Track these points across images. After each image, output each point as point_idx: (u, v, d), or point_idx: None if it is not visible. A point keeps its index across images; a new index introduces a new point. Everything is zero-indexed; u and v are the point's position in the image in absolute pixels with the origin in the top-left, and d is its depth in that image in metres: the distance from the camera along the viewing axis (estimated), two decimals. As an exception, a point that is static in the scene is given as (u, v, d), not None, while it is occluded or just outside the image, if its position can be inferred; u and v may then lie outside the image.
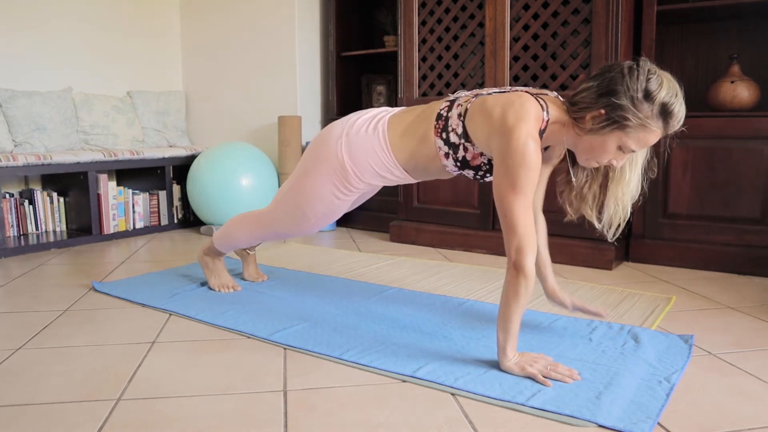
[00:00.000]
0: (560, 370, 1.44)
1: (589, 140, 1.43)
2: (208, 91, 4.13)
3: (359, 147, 1.68)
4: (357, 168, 1.70)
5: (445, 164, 1.62)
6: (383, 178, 1.72)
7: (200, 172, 3.38)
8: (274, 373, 1.51)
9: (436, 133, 1.60)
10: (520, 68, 2.80)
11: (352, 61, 3.84)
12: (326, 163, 1.72)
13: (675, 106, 1.37)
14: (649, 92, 1.35)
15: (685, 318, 1.94)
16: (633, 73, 1.37)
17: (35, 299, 2.18)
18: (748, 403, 1.33)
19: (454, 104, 1.59)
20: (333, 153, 1.71)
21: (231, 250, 2.22)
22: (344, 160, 1.69)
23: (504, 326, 1.45)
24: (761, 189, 2.45)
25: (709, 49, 2.82)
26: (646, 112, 1.36)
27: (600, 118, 1.39)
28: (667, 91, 1.36)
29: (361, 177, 1.71)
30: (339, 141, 1.71)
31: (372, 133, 1.68)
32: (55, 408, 1.33)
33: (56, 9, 3.57)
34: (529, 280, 1.42)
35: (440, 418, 1.27)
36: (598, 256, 2.62)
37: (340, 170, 1.71)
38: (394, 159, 1.67)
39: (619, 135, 1.40)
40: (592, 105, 1.40)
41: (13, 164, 2.96)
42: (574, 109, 1.44)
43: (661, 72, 1.39)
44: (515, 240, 1.42)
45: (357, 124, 1.71)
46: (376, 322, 1.86)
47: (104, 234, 3.35)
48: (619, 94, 1.36)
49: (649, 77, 1.36)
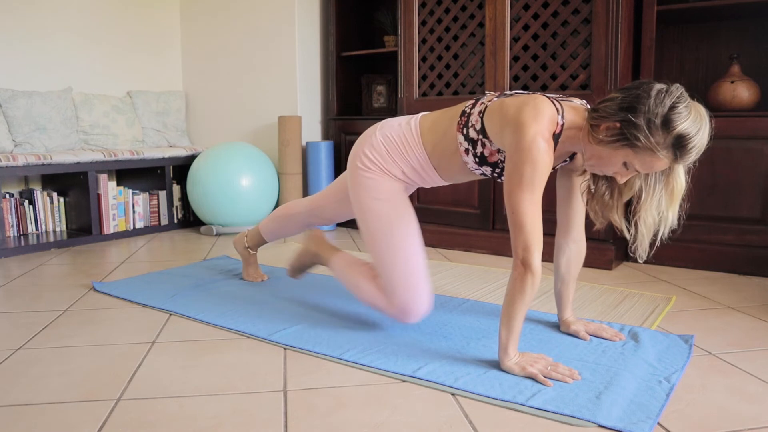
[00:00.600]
0: (561, 370, 1.44)
1: (598, 149, 1.43)
2: (208, 91, 4.13)
3: (392, 134, 1.73)
4: (394, 153, 1.72)
5: (466, 161, 1.64)
6: (414, 171, 1.73)
7: (200, 172, 3.38)
8: (274, 373, 1.51)
9: (458, 128, 1.62)
10: (520, 68, 2.80)
11: (352, 61, 3.84)
12: (379, 155, 1.73)
13: (693, 140, 1.32)
14: (669, 121, 1.31)
15: (685, 318, 1.94)
16: (660, 96, 1.34)
17: (35, 299, 2.18)
18: (748, 403, 1.33)
19: (478, 102, 1.62)
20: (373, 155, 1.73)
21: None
22: (381, 147, 1.73)
23: (508, 324, 1.45)
24: (761, 189, 2.45)
25: (709, 49, 2.82)
26: (658, 138, 1.32)
27: (613, 130, 1.38)
28: (690, 124, 1.32)
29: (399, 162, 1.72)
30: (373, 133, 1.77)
31: (405, 125, 1.74)
32: (55, 408, 1.33)
33: (56, 9, 3.57)
34: (536, 277, 1.42)
35: (440, 418, 1.27)
36: (598, 256, 2.62)
37: (386, 156, 1.73)
38: (423, 149, 1.70)
39: (627, 152, 1.37)
40: (610, 116, 1.39)
41: (13, 164, 2.96)
42: (594, 116, 1.43)
43: (692, 103, 1.35)
44: (522, 237, 1.43)
45: (391, 121, 1.78)
46: (377, 323, 1.86)
47: (104, 234, 3.35)
48: (638, 112, 1.34)
49: (675, 105, 1.32)
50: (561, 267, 1.75)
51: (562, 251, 1.74)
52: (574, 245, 1.74)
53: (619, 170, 1.43)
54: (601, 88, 2.57)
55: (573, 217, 1.71)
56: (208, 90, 4.13)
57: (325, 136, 3.94)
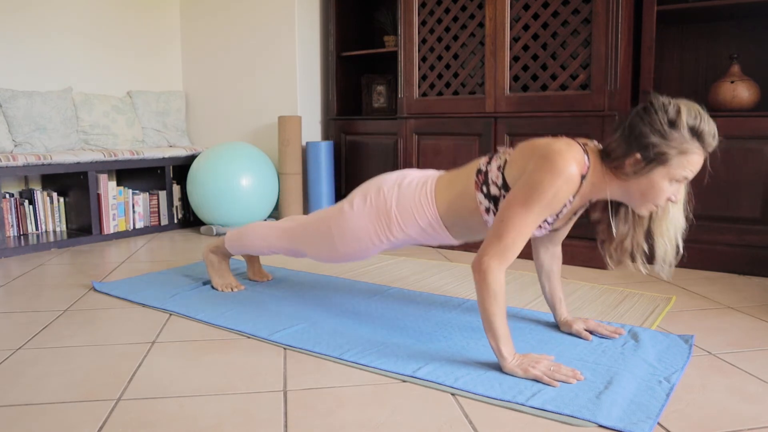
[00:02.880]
0: (563, 371, 1.44)
1: (636, 185, 1.43)
2: (208, 91, 4.13)
3: (408, 198, 1.69)
4: (401, 217, 1.70)
5: (486, 220, 1.60)
6: (424, 232, 1.71)
7: (200, 172, 3.38)
8: (274, 373, 1.51)
9: (476, 187, 1.59)
10: (520, 68, 2.80)
11: (352, 61, 3.84)
12: (373, 208, 1.73)
13: (701, 124, 1.38)
14: (673, 121, 1.37)
15: (685, 318, 1.94)
16: (649, 111, 1.39)
17: (35, 299, 2.18)
18: (748, 403, 1.33)
19: (494, 158, 1.59)
20: (383, 199, 1.72)
21: (241, 253, 2.23)
22: (392, 208, 1.70)
23: (489, 330, 1.46)
24: (761, 189, 2.45)
25: (709, 49, 2.82)
26: (679, 138, 1.37)
27: (638, 162, 1.40)
28: (687, 113, 1.37)
29: (404, 227, 1.71)
30: (391, 189, 1.73)
31: (421, 187, 1.70)
32: (55, 408, 1.33)
33: (56, 9, 3.57)
34: (497, 278, 1.43)
35: (440, 418, 1.27)
36: (598, 256, 2.61)
37: (385, 217, 1.71)
38: (436, 212, 1.66)
39: (664, 170, 1.39)
40: (625, 153, 1.41)
41: (13, 164, 2.96)
42: (610, 160, 1.45)
43: (675, 100, 1.40)
44: (497, 245, 1.43)
45: (410, 178, 1.74)
46: (377, 322, 1.86)
47: (104, 234, 3.35)
48: (646, 135, 1.38)
49: (666, 108, 1.38)
50: (544, 267, 1.77)
51: (541, 252, 1.77)
52: (552, 247, 1.76)
53: (669, 190, 1.43)
54: (601, 88, 2.57)
55: (561, 233, 1.74)
56: (208, 90, 4.13)
57: (325, 136, 3.95)
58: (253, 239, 2.11)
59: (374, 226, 1.73)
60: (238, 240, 2.16)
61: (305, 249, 1.95)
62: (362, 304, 2.06)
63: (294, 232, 1.98)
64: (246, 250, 2.17)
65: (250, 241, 2.12)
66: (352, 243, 1.79)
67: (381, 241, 1.76)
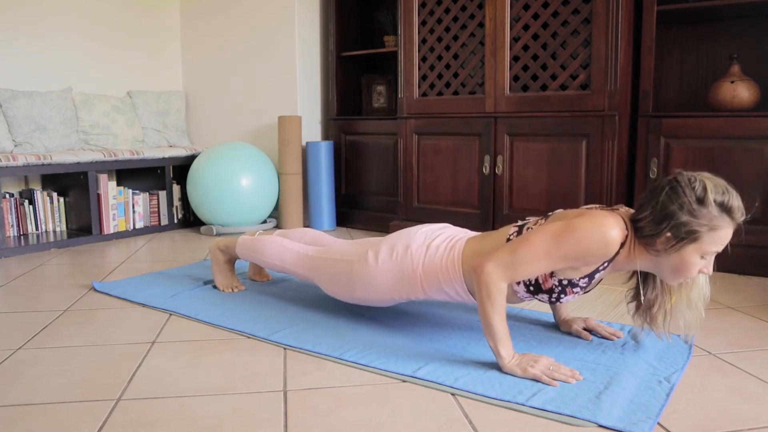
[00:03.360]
0: (563, 370, 1.44)
1: (668, 261, 1.43)
2: (208, 91, 4.13)
3: (435, 263, 1.65)
4: (426, 282, 1.66)
5: (516, 290, 1.58)
6: (446, 294, 1.68)
7: (200, 172, 3.38)
8: (274, 373, 1.51)
9: None
10: (520, 68, 2.80)
11: (352, 61, 3.84)
12: (398, 266, 1.69)
13: (729, 200, 1.38)
14: (701, 199, 1.37)
15: (685, 318, 1.94)
16: (676, 189, 1.39)
17: (35, 299, 2.18)
18: (748, 403, 1.33)
19: (524, 228, 1.58)
20: (409, 259, 1.68)
21: (248, 261, 2.21)
22: (418, 270, 1.67)
23: (488, 331, 1.46)
24: (761, 189, 2.45)
25: (709, 49, 2.82)
26: (708, 215, 1.37)
27: (669, 240, 1.40)
28: (714, 190, 1.37)
29: (427, 291, 1.68)
30: (419, 250, 1.68)
31: (449, 252, 1.65)
32: (55, 408, 1.33)
33: (56, 9, 3.57)
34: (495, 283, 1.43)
35: (440, 418, 1.27)
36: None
37: (410, 278, 1.68)
38: (462, 280, 1.62)
39: (695, 247, 1.40)
40: (656, 232, 1.41)
41: (13, 164, 2.96)
42: (641, 236, 1.45)
43: (700, 175, 1.41)
44: (507, 258, 1.43)
45: (439, 240, 1.69)
46: (377, 322, 1.86)
47: (104, 234, 3.35)
48: (676, 214, 1.38)
49: (693, 185, 1.38)
50: None
51: None
52: None
53: (700, 263, 1.44)
54: (601, 88, 2.57)
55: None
56: (208, 90, 4.13)
57: (325, 136, 3.95)
58: (268, 256, 2.06)
59: (397, 284, 1.70)
60: (252, 251, 2.12)
61: (321, 282, 1.91)
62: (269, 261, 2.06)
63: (313, 263, 1.93)
64: (255, 260, 2.13)
65: (265, 257, 2.07)
66: (372, 294, 1.77)
67: (401, 298, 1.75)
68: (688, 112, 2.82)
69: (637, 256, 1.47)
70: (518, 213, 2.88)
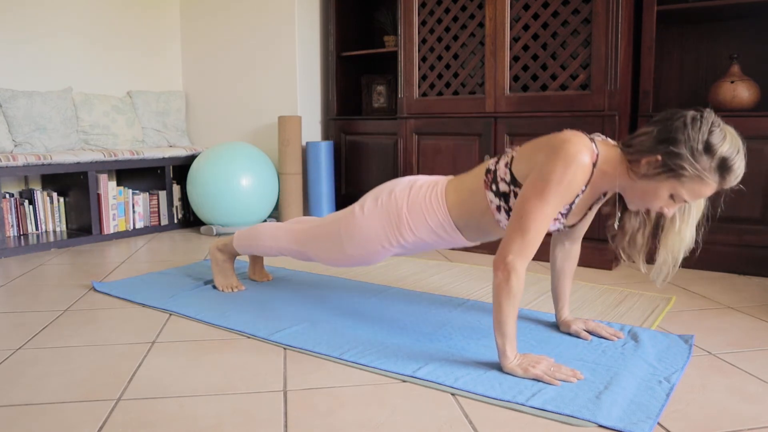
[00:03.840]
0: (564, 370, 1.44)
1: (642, 185, 1.41)
2: (208, 91, 4.13)
3: (418, 200, 1.70)
4: (412, 219, 1.69)
5: (498, 219, 1.59)
6: (435, 234, 1.70)
7: (200, 172, 3.38)
8: (274, 373, 1.51)
9: (486, 186, 1.59)
10: (520, 68, 2.80)
11: (352, 61, 3.84)
12: (384, 210, 1.73)
13: (735, 162, 1.35)
14: (711, 145, 1.32)
15: (685, 318, 1.94)
16: (696, 123, 1.34)
17: (35, 299, 2.18)
18: (748, 403, 1.33)
19: (502, 157, 1.60)
20: (393, 201, 1.72)
21: (248, 253, 2.22)
22: (402, 209, 1.70)
23: (500, 329, 1.45)
24: (761, 189, 2.45)
25: (709, 49, 2.82)
26: (705, 164, 1.33)
27: (656, 164, 1.37)
28: (729, 146, 1.34)
29: (414, 230, 1.70)
30: (402, 192, 1.73)
31: (432, 189, 1.70)
32: (55, 408, 1.33)
33: (56, 9, 3.57)
34: (520, 278, 1.42)
35: (440, 418, 1.27)
36: (598, 256, 2.62)
37: (396, 219, 1.71)
38: (447, 213, 1.66)
39: (674, 184, 1.37)
40: (648, 150, 1.38)
41: (13, 164, 2.96)
42: (630, 151, 1.42)
43: (725, 126, 1.36)
44: (518, 242, 1.42)
45: (421, 181, 1.74)
46: (377, 322, 1.86)
47: (104, 234, 3.35)
48: (679, 143, 1.34)
49: (712, 129, 1.33)
50: (556, 262, 1.76)
51: (557, 249, 1.75)
52: (569, 245, 1.74)
53: (666, 203, 1.42)
54: (601, 88, 2.57)
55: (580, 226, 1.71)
56: (208, 90, 4.13)
57: (325, 136, 3.95)
58: (263, 239, 2.10)
59: (384, 228, 1.73)
60: (247, 240, 2.16)
61: (314, 251, 1.94)
62: (362, 304, 2.06)
63: (304, 234, 1.98)
64: (254, 250, 2.16)
65: (260, 241, 2.11)
66: (361, 246, 1.78)
67: (391, 244, 1.75)
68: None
69: (617, 174, 1.45)
70: (518, 213, 2.87)
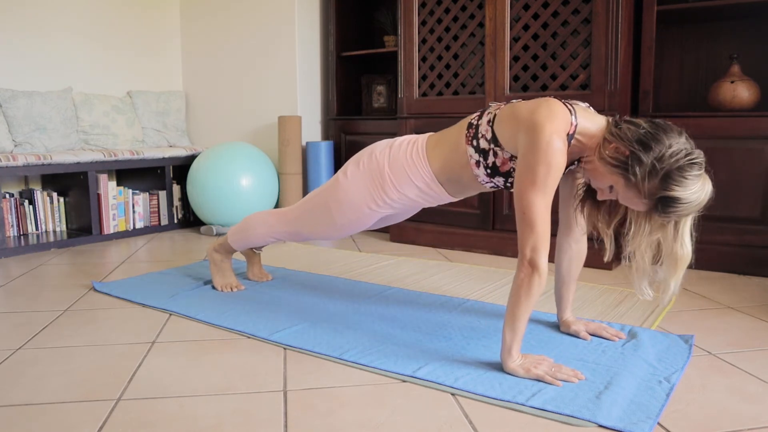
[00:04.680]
0: (565, 371, 1.44)
1: (597, 165, 1.44)
2: (208, 91, 4.13)
3: (399, 157, 1.72)
4: (395, 177, 1.71)
5: (477, 174, 1.62)
6: (419, 190, 1.72)
7: (200, 172, 3.38)
8: (274, 373, 1.51)
9: (467, 141, 1.61)
10: (520, 68, 2.80)
11: (352, 61, 3.84)
12: (366, 171, 1.75)
13: (679, 207, 1.34)
14: (670, 177, 1.33)
15: (685, 318, 1.94)
16: (678, 152, 1.34)
17: (35, 299, 2.18)
18: (748, 403, 1.33)
19: (485, 113, 1.61)
20: (375, 161, 1.74)
21: (245, 247, 2.24)
22: (384, 168, 1.72)
23: (512, 325, 1.45)
24: (761, 189, 2.45)
25: (709, 49, 2.82)
26: (652, 186, 1.35)
27: (619, 155, 1.39)
28: (687, 194, 1.33)
29: (398, 187, 1.72)
30: (383, 152, 1.75)
31: (412, 146, 1.72)
32: (55, 408, 1.33)
33: (56, 9, 3.57)
34: (543, 278, 1.42)
35: (440, 418, 1.27)
36: (598, 256, 2.61)
37: (378, 178, 1.73)
38: (429, 168, 1.68)
39: (618, 179, 1.40)
40: (625, 141, 1.39)
41: (13, 164, 2.96)
42: (613, 131, 1.43)
43: (705, 178, 1.36)
44: (531, 237, 1.42)
45: (400, 140, 1.77)
46: (376, 322, 1.86)
47: (104, 234, 3.35)
48: (650, 153, 1.34)
49: (687, 167, 1.32)
50: (562, 267, 1.75)
51: (563, 251, 1.74)
52: (575, 245, 1.73)
53: (603, 189, 1.47)
54: (601, 88, 2.57)
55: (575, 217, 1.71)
56: (208, 90, 4.13)
57: (325, 136, 3.95)
58: (256, 227, 2.11)
59: (369, 189, 1.74)
60: (240, 232, 2.17)
61: (306, 228, 1.96)
62: (362, 304, 2.06)
63: (293, 213, 2.00)
64: (249, 241, 2.17)
65: (253, 230, 2.12)
66: (349, 212, 1.80)
67: (378, 205, 1.76)
68: (688, 112, 2.82)
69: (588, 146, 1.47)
70: (518, 213, 2.87)
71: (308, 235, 1.98)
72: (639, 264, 1.47)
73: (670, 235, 1.42)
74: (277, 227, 2.05)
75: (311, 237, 1.99)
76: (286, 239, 2.09)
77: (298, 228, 1.99)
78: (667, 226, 1.42)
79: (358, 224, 1.84)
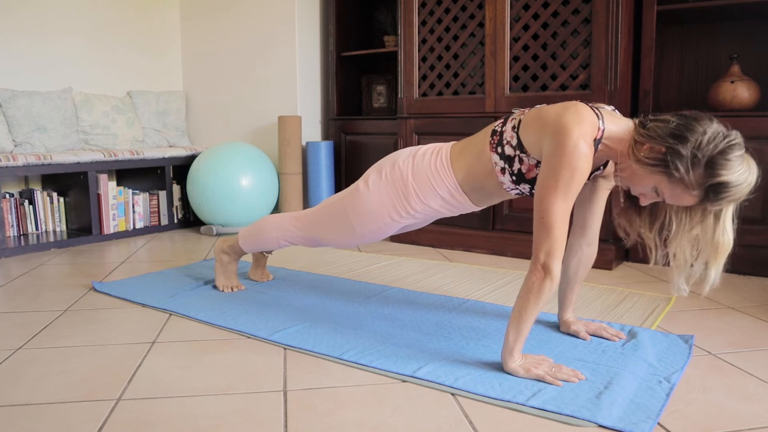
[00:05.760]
0: (565, 371, 1.44)
1: (635, 166, 1.39)
2: (208, 91, 4.13)
3: (423, 167, 1.68)
4: (419, 187, 1.68)
5: (502, 181, 1.59)
6: (444, 201, 1.69)
7: (200, 172, 3.38)
8: (274, 373, 1.51)
9: (491, 148, 1.58)
10: (520, 68, 2.80)
11: (352, 61, 3.84)
12: (390, 181, 1.71)
13: (731, 191, 1.30)
14: (714, 163, 1.28)
15: (685, 318, 1.94)
16: (716, 136, 1.30)
17: (35, 299, 2.18)
18: (748, 403, 1.33)
19: (509, 119, 1.59)
20: (398, 171, 1.71)
21: (256, 250, 2.20)
22: (408, 178, 1.69)
23: (518, 326, 1.44)
24: (761, 189, 2.45)
25: (709, 49, 2.82)
26: (697, 176, 1.30)
27: (656, 153, 1.34)
28: (735, 176, 1.29)
29: (423, 198, 1.69)
30: (406, 161, 1.72)
31: (436, 155, 1.69)
32: (55, 408, 1.33)
33: (56, 9, 3.57)
34: (555, 282, 1.41)
35: (440, 418, 1.27)
36: (598, 256, 2.61)
37: (402, 189, 1.70)
38: (453, 178, 1.65)
39: (661, 179, 1.35)
40: (658, 138, 1.34)
41: (13, 164, 2.96)
42: (641, 132, 1.39)
43: (748, 157, 1.32)
44: (548, 242, 1.41)
45: (424, 149, 1.73)
46: (376, 322, 1.86)
47: (104, 234, 3.35)
48: (687, 143, 1.30)
49: (728, 151, 1.29)
50: (570, 268, 1.74)
51: (573, 252, 1.72)
52: (587, 248, 1.72)
53: (646, 193, 1.41)
54: (601, 88, 2.57)
55: (591, 219, 1.69)
56: (208, 90, 4.13)
57: (325, 136, 3.95)
58: (269, 231, 2.07)
59: (392, 200, 1.71)
60: (252, 236, 2.13)
61: (322, 235, 1.92)
62: (362, 303, 2.06)
63: (310, 220, 1.95)
64: (261, 244, 2.13)
65: (266, 234, 2.08)
66: (370, 222, 1.76)
67: (400, 216, 1.73)
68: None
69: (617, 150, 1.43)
70: (518, 213, 2.88)
71: (323, 241, 1.94)
72: (679, 261, 1.44)
73: (710, 225, 1.39)
74: (292, 231, 2.01)
75: (326, 243, 1.95)
76: (299, 244, 2.05)
77: (313, 233, 1.95)
78: (709, 216, 1.38)
79: (379, 233, 1.81)
